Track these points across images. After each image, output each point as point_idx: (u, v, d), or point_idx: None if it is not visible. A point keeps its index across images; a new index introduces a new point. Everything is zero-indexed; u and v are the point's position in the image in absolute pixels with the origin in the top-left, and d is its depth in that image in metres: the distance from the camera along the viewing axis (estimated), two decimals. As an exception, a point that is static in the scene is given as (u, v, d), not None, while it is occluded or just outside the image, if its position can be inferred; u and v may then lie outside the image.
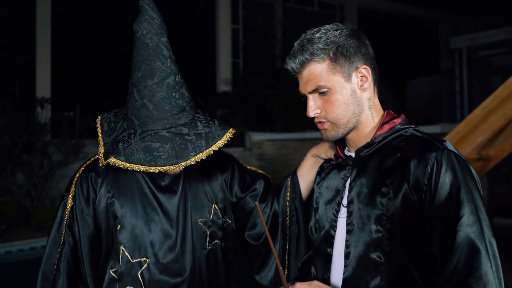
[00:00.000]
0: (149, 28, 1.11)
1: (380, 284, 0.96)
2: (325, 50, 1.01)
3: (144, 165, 1.09)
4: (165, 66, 1.12)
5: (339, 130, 1.04)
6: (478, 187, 0.93)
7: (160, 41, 1.12)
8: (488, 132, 2.88)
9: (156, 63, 1.11)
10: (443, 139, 0.99)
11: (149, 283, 1.23)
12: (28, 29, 7.44)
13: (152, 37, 1.11)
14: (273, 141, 7.60)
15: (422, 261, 0.94)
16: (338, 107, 1.02)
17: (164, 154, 1.10)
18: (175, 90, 1.14)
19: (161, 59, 1.12)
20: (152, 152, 1.10)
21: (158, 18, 1.12)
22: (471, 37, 8.80)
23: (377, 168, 1.00)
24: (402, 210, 0.94)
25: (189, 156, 1.10)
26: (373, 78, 1.05)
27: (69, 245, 1.22)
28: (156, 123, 1.13)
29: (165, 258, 1.24)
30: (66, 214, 1.24)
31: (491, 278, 0.86)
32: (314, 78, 1.02)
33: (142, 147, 1.11)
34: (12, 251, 5.36)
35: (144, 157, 1.10)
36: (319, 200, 1.15)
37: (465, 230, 0.87)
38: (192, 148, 1.11)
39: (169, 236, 1.25)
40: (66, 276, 1.20)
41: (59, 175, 6.76)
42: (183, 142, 1.12)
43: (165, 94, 1.12)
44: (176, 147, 1.11)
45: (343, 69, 1.01)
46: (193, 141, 1.13)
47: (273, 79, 7.85)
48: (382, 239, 0.96)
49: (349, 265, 1.00)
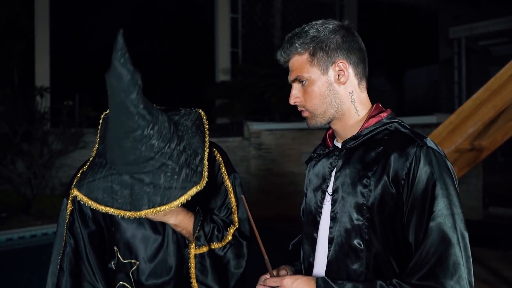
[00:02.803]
0: (117, 85, 1.08)
1: (360, 269, 1.03)
2: (305, 44, 1.08)
3: (100, 204, 1.14)
4: (131, 122, 1.10)
5: (317, 120, 1.12)
6: (455, 183, 0.99)
7: (128, 98, 1.08)
8: (479, 123, 2.93)
9: (122, 118, 1.10)
10: (424, 136, 1.06)
11: (137, 282, 1.34)
12: (26, 18, 7.43)
13: (119, 94, 1.08)
14: (271, 131, 7.64)
15: (400, 250, 1.00)
16: (314, 97, 1.09)
17: (120, 199, 1.13)
18: (142, 143, 1.12)
19: (127, 115, 1.10)
20: (111, 194, 1.14)
21: (128, 74, 1.07)
22: (470, 27, 8.79)
23: (361, 160, 1.06)
24: (380, 201, 1.00)
25: (141, 208, 1.12)
26: (356, 72, 1.10)
27: (70, 246, 1.32)
28: (121, 167, 1.15)
29: (151, 261, 1.35)
30: (66, 216, 1.34)
31: (462, 268, 0.92)
32: (295, 69, 1.11)
33: (103, 187, 1.15)
34: (13, 238, 5.44)
35: (102, 197, 1.14)
36: (308, 187, 1.22)
37: (437, 222, 0.94)
38: (147, 202, 1.12)
39: (155, 240, 1.35)
40: (69, 274, 1.31)
41: (59, 164, 6.81)
42: (140, 193, 1.13)
43: (131, 145, 1.11)
44: (133, 196, 1.13)
45: (320, 63, 1.08)
46: (150, 194, 1.13)
47: (271, 68, 7.86)
48: (362, 228, 1.02)
49: (332, 250, 1.07)
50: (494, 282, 3.71)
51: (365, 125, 1.09)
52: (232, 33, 9.54)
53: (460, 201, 0.97)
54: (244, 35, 9.72)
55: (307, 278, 1.02)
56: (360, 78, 1.11)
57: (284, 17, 9.85)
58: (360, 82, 1.12)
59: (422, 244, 0.95)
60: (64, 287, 1.28)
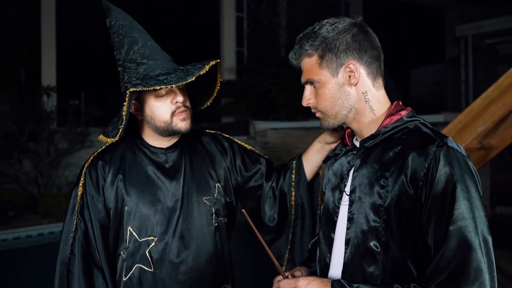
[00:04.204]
0: (119, 15, 1.34)
1: (376, 272, 0.99)
2: (314, 46, 1.06)
3: (160, 85, 1.21)
4: (144, 33, 1.32)
5: (330, 121, 1.10)
6: (477, 185, 0.94)
7: (131, 21, 1.33)
8: (488, 122, 2.90)
9: (135, 33, 1.31)
10: (445, 135, 1.01)
11: (157, 261, 1.31)
12: (32, 17, 7.45)
13: (124, 19, 1.33)
14: (276, 130, 7.62)
15: (418, 253, 0.96)
16: (325, 99, 1.08)
17: (173, 78, 1.23)
18: (158, 49, 1.32)
19: (138, 30, 1.32)
20: (163, 80, 1.23)
21: (124, 12, 1.35)
22: (477, 25, 8.72)
23: (378, 160, 1.03)
24: (398, 202, 0.97)
25: (194, 73, 1.23)
26: (369, 72, 1.07)
27: (81, 230, 1.30)
28: (155, 70, 1.27)
29: (171, 236, 1.32)
30: (77, 202, 1.31)
31: (484, 275, 0.87)
32: (306, 71, 1.10)
33: (154, 78, 1.25)
34: (20, 237, 5.46)
35: (158, 82, 1.22)
36: (326, 186, 1.20)
37: (458, 226, 0.89)
38: (194, 70, 1.25)
39: (173, 215, 1.33)
40: (81, 259, 1.28)
41: (65, 163, 6.83)
42: (184, 70, 1.26)
43: (152, 49, 1.30)
44: (180, 73, 1.24)
45: (330, 65, 1.06)
46: (191, 68, 1.26)
47: (277, 67, 7.84)
48: (379, 229, 0.99)
49: (348, 251, 1.04)
50: (502, 282, 3.68)
51: (383, 123, 1.06)
52: (237, 32, 9.51)
53: (483, 204, 0.93)
54: (250, 34, 9.69)
55: (322, 280, 1.00)
56: (375, 77, 1.08)
57: (289, 16, 9.82)
58: (375, 80, 1.08)
59: (441, 248, 0.90)
60: (75, 272, 1.26)
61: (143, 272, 1.31)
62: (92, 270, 1.28)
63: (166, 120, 1.31)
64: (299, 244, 1.48)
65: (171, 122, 1.31)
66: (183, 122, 1.31)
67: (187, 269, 1.32)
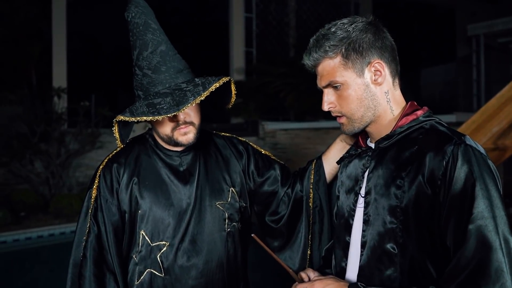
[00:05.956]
0: (136, 10, 1.30)
1: (394, 274, 0.97)
2: (337, 47, 1.02)
3: (148, 116, 1.18)
4: (155, 36, 1.28)
5: (355, 125, 1.06)
6: (497, 183, 0.92)
7: (148, 18, 1.29)
8: (504, 122, 2.85)
9: (147, 36, 1.27)
10: (463, 134, 0.98)
11: (168, 266, 1.29)
12: (43, 19, 7.52)
13: (140, 16, 1.29)
14: (286, 130, 7.60)
15: (437, 255, 0.94)
16: (351, 102, 1.04)
17: (165, 105, 1.19)
18: (169, 55, 1.28)
19: (151, 31, 1.28)
20: (155, 106, 1.19)
21: (144, 3, 1.31)
22: (489, 24, 8.61)
23: (394, 160, 1.00)
24: (415, 203, 0.95)
25: (188, 101, 1.18)
26: (391, 70, 1.05)
27: (94, 233, 1.29)
28: (157, 86, 1.24)
29: (182, 240, 1.30)
30: (91, 204, 1.30)
31: (505, 276, 0.84)
32: (327, 74, 1.05)
33: (145, 104, 1.22)
34: (32, 237, 5.50)
35: (147, 110, 1.19)
36: (340, 189, 1.18)
37: (477, 225, 0.87)
38: (191, 95, 1.20)
39: (186, 219, 1.31)
40: (93, 262, 1.27)
41: (76, 164, 6.88)
42: (181, 93, 1.21)
43: (160, 59, 1.26)
44: (176, 98, 1.20)
45: (355, 65, 1.02)
46: (191, 90, 1.21)
47: (286, 68, 7.82)
48: (396, 231, 0.97)
49: (365, 254, 1.02)
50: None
51: (398, 123, 1.04)
52: (246, 32, 9.51)
53: (503, 203, 0.90)
54: (259, 35, 9.69)
55: (339, 284, 0.98)
56: (394, 76, 1.06)
57: (298, 16, 9.79)
58: (394, 80, 1.07)
59: (460, 248, 0.88)
60: (87, 275, 1.25)
61: (153, 277, 1.30)
62: (105, 274, 1.27)
63: (167, 134, 1.31)
64: (316, 249, 1.44)
65: (172, 136, 1.30)
66: (184, 136, 1.30)
67: (197, 274, 1.30)
